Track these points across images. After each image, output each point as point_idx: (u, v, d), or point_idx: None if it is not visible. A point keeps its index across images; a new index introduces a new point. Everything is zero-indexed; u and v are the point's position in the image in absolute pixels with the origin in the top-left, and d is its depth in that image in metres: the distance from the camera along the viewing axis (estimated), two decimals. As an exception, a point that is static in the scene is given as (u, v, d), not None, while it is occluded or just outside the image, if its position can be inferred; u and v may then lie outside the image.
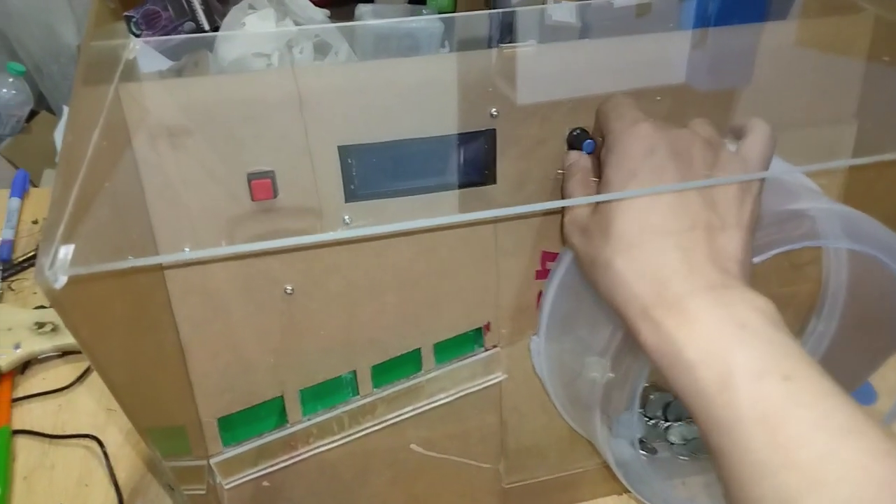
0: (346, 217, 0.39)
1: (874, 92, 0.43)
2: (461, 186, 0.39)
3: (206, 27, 0.45)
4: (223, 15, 0.47)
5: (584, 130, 0.39)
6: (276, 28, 0.43)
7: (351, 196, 0.38)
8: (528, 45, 0.38)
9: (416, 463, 0.47)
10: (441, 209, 0.40)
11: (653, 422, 0.49)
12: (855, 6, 0.42)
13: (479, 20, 0.41)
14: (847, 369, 0.48)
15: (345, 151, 0.37)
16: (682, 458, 0.48)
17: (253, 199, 0.36)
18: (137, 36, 0.42)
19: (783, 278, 0.48)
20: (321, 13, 0.46)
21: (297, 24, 0.44)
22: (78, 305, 0.23)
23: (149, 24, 0.45)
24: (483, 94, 0.37)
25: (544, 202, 0.41)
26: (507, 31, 0.41)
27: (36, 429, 0.54)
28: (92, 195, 0.26)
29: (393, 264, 0.41)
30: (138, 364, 0.33)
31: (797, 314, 0.49)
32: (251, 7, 0.44)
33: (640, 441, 0.48)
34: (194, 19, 0.47)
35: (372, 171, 0.38)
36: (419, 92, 0.36)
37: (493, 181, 0.39)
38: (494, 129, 0.38)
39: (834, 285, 0.47)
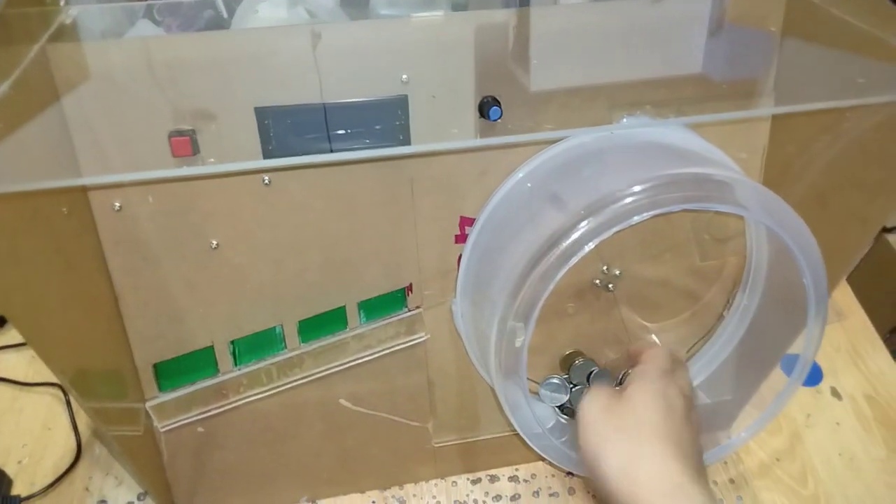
0: (265, 178, 0.41)
1: (789, 65, 0.43)
2: (376, 148, 0.41)
3: (225, 15, 0.47)
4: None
5: (493, 98, 0.40)
6: (287, 16, 0.44)
7: (269, 155, 0.40)
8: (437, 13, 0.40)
9: (347, 417, 0.50)
10: (357, 169, 0.42)
11: (578, 388, 0.50)
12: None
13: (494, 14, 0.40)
14: (768, 342, 0.48)
15: (262, 113, 0.39)
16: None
17: (173, 155, 0.39)
18: (158, 23, 0.44)
19: (708, 252, 0.49)
20: (333, 2, 0.46)
21: (309, 13, 0.45)
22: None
23: (171, 12, 0.47)
24: (394, 60, 0.39)
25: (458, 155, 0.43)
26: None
27: (10, 377, 0.58)
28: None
29: (314, 223, 0.43)
30: (53, 302, 0.36)
31: (724, 288, 0.50)
32: (265, -5, 0.46)
33: (563, 406, 0.50)
34: (213, 7, 0.49)
35: (288, 131, 0.40)
36: (334, 58, 0.39)
37: (408, 143, 0.41)
38: (406, 95, 0.40)
39: (756, 260, 0.48)
